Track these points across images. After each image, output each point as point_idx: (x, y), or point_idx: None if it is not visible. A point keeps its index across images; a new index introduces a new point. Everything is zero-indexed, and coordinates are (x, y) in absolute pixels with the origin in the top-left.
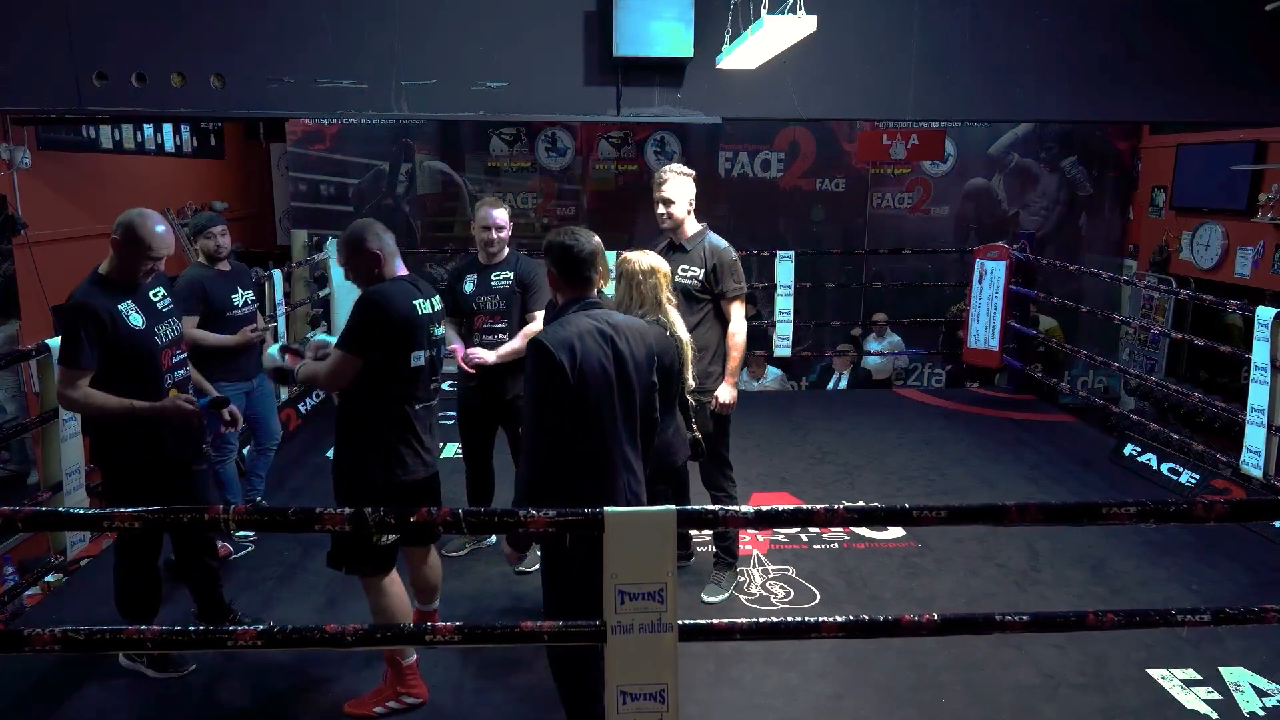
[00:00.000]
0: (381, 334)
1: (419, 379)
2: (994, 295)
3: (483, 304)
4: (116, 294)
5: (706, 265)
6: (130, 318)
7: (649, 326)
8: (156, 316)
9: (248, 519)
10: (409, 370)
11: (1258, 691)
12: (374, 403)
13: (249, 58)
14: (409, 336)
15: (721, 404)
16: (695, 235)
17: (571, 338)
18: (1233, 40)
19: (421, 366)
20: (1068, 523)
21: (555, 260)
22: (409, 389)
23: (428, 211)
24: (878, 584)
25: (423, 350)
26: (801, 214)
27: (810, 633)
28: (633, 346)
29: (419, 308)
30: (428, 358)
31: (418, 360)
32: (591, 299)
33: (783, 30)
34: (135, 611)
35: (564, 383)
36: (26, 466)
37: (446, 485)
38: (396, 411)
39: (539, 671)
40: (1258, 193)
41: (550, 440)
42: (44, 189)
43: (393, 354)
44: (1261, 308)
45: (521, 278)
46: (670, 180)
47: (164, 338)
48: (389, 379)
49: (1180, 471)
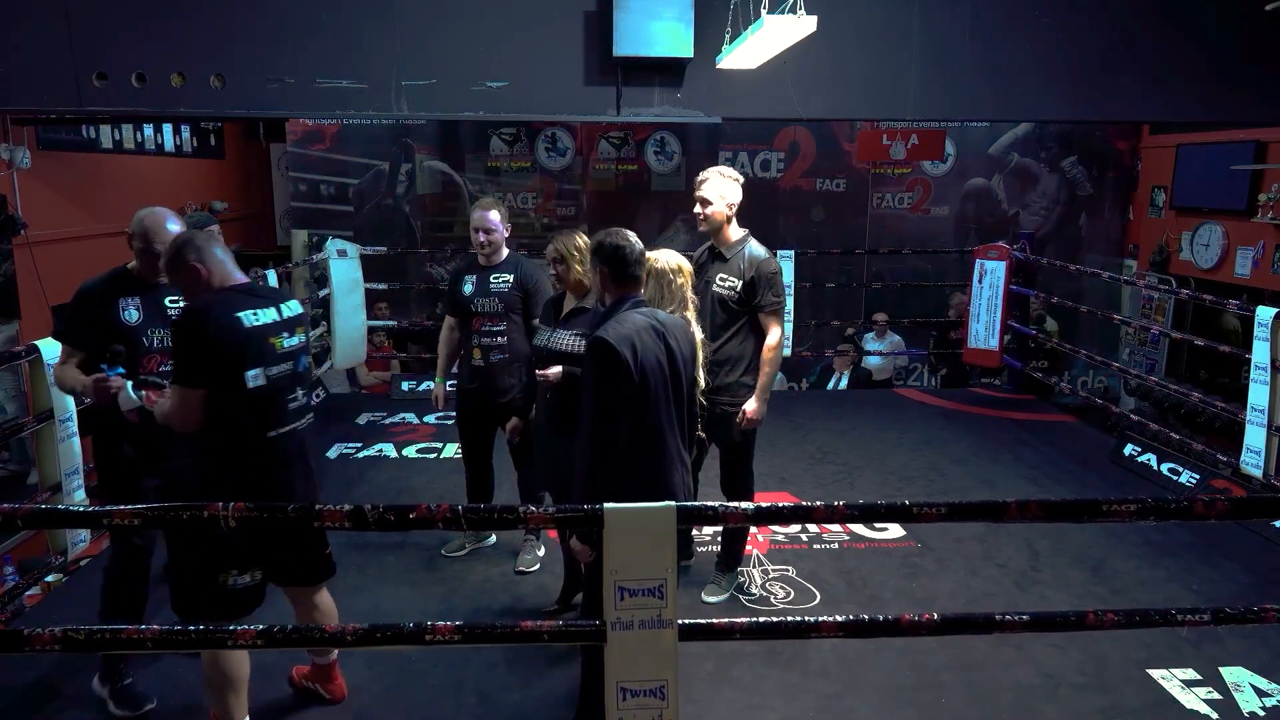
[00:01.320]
0: (202, 355)
1: (265, 402)
2: (994, 295)
3: (481, 306)
4: (126, 288)
5: (745, 276)
6: (126, 312)
7: (687, 324)
8: (162, 320)
9: (247, 516)
10: (246, 392)
11: (1258, 691)
12: (219, 434)
13: (249, 58)
14: (237, 353)
15: (748, 418)
16: (736, 243)
17: (631, 334)
18: (1233, 40)
19: (262, 386)
20: (1068, 520)
21: (607, 260)
22: (255, 415)
23: (428, 211)
24: (878, 584)
25: (261, 367)
26: (801, 214)
27: (810, 633)
28: (680, 343)
29: (246, 320)
30: (278, 375)
31: (255, 380)
32: (640, 297)
33: (783, 30)
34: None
35: (628, 378)
36: (26, 466)
37: (446, 485)
38: (245, 443)
39: (539, 671)
40: (1258, 193)
41: (610, 435)
42: (44, 189)
43: (218, 376)
44: (1261, 308)
45: (523, 283)
46: (710, 180)
47: (155, 342)
48: (230, 402)
49: (1180, 471)
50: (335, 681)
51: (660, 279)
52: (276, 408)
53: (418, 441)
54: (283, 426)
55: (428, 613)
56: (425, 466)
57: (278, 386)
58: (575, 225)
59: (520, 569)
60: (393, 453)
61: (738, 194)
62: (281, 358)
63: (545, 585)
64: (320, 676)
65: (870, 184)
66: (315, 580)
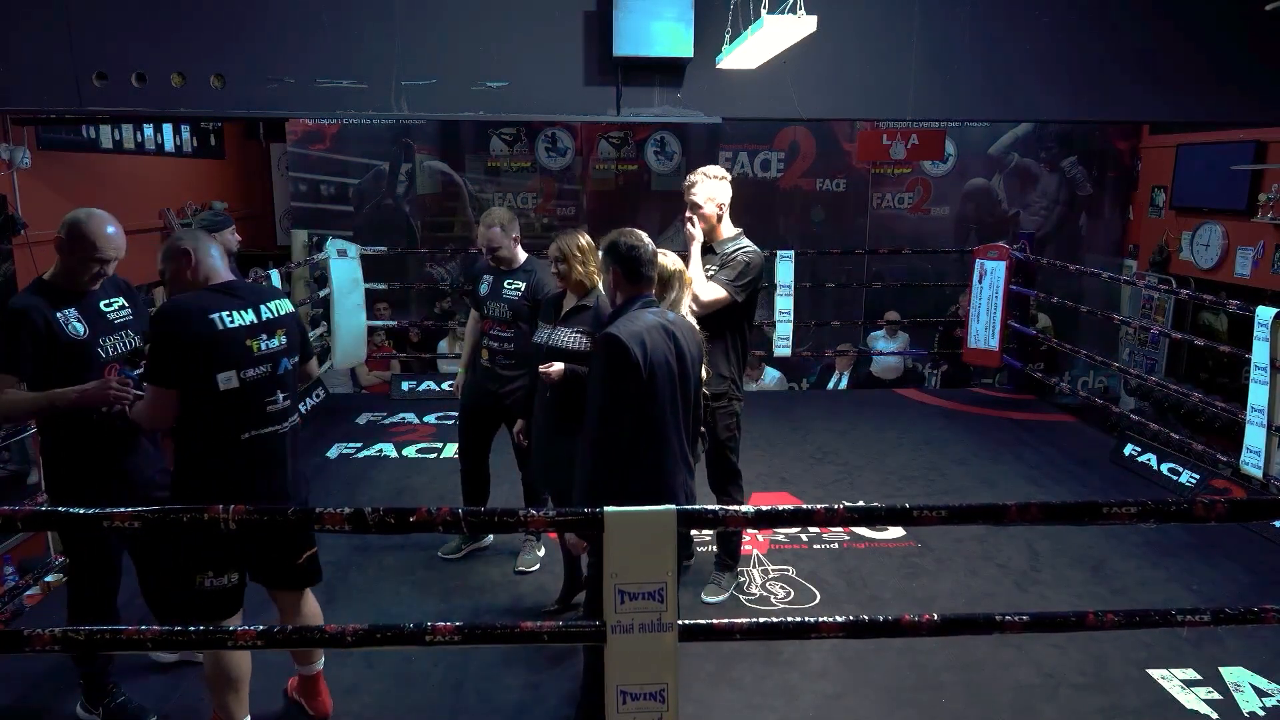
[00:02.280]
0: (173, 356)
1: (238, 403)
2: (994, 295)
3: (492, 310)
4: (58, 301)
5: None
6: (71, 325)
7: (692, 324)
8: (106, 328)
9: (248, 518)
10: (218, 393)
11: (1258, 691)
12: (193, 434)
13: (249, 58)
14: (208, 355)
15: None
16: (729, 239)
17: (641, 332)
18: (1233, 40)
19: (235, 389)
20: (1068, 522)
21: (619, 260)
22: (228, 416)
23: (428, 211)
24: (878, 584)
25: (234, 370)
26: (801, 214)
27: (810, 633)
28: (688, 344)
29: (220, 321)
30: (254, 377)
31: (228, 382)
32: (650, 297)
33: (783, 30)
34: (90, 679)
35: (637, 376)
36: (26, 466)
37: (447, 485)
38: (217, 444)
39: (539, 671)
40: (1258, 193)
41: (618, 433)
42: (44, 189)
43: (189, 378)
44: (1261, 308)
45: (534, 292)
46: (699, 184)
47: (111, 350)
48: (204, 404)
49: (1180, 471)
50: (320, 697)
51: (670, 280)
52: (252, 410)
53: (418, 441)
54: (259, 429)
55: (428, 613)
56: (425, 466)
57: (253, 389)
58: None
59: (520, 569)
60: (393, 453)
61: (727, 192)
62: (258, 360)
63: (545, 585)
64: (305, 691)
65: (870, 184)
66: (298, 585)
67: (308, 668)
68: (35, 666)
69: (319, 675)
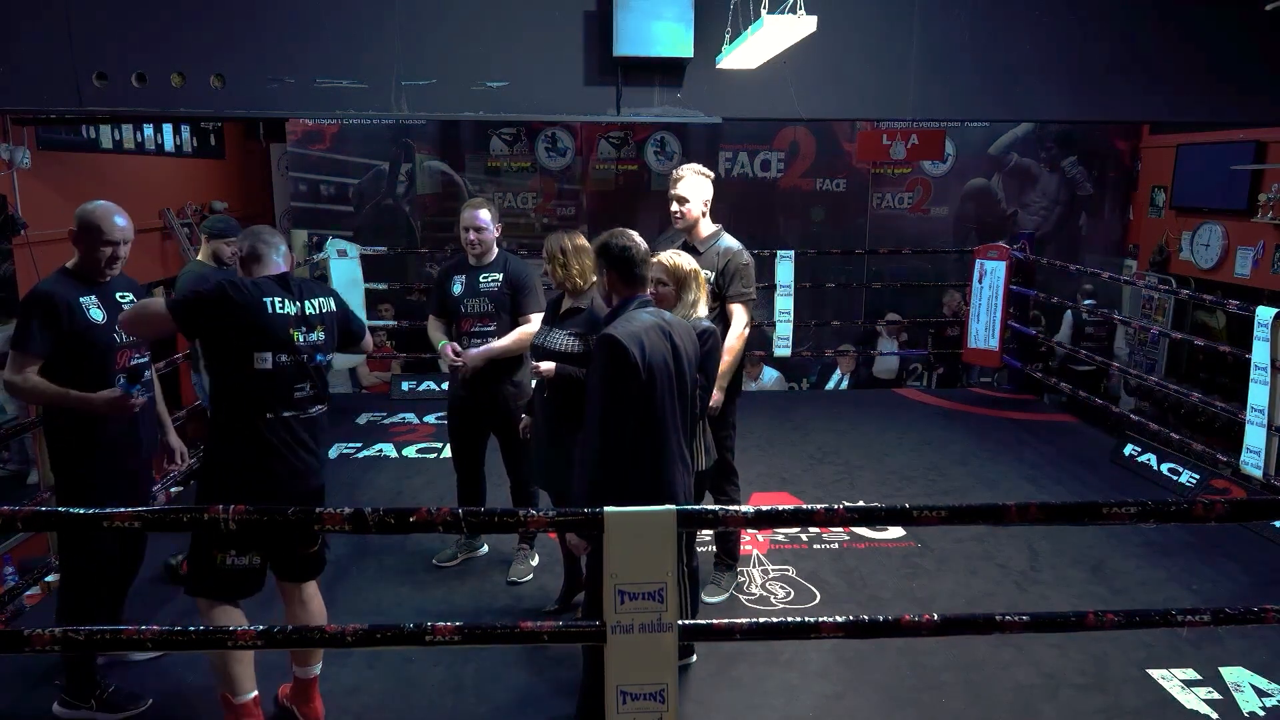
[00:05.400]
0: (205, 303)
1: (271, 384)
2: (994, 295)
3: (470, 306)
4: (80, 287)
5: (717, 267)
6: (91, 311)
7: (690, 325)
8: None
9: (247, 518)
10: (253, 370)
11: (1258, 691)
12: (228, 412)
13: (249, 58)
14: (251, 331)
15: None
16: (709, 237)
17: (639, 332)
18: (1233, 40)
19: (269, 370)
20: (1068, 522)
21: (614, 261)
22: (256, 394)
23: (428, 211)
24: (878, 584)
25: (271, 352)
26: (801, 214)
27: (810, 633)
28: (685, 344)
29: (272, 305)
30: (286, 363)
31: (262, 362)
32: (646, 297)
33: (783, 30)
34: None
35: (635, 376)
36: (26, 466)
37: (447, 485)
38: (243, 421)
39: (539, 671)
40: (1258, 193)
41: (617, 434)
42: (44, 189)
43: (224, 341)
44: (1261, 308)
45: (512, 280)
46: (685, 179)
47: (124, 337)
48: (237, 380)
49: (1180, 471)
50: (313, 703)
51: (688, 280)
52: (279, 392)
53: (418, 441)
54: (284, 411)
55: (428, 613)
56: (425, 466)
57: (284, 374)
58: (575, 225)
59: (513, 579)
60: (393, 453)
61: (710, 191)
62: (296, 350)
63: (545, 586)
64: (299, 696)
65: (870, 184)
66: (303, 576)
67: (305, 670)
68: (35, 666)
69: (314, 680)
